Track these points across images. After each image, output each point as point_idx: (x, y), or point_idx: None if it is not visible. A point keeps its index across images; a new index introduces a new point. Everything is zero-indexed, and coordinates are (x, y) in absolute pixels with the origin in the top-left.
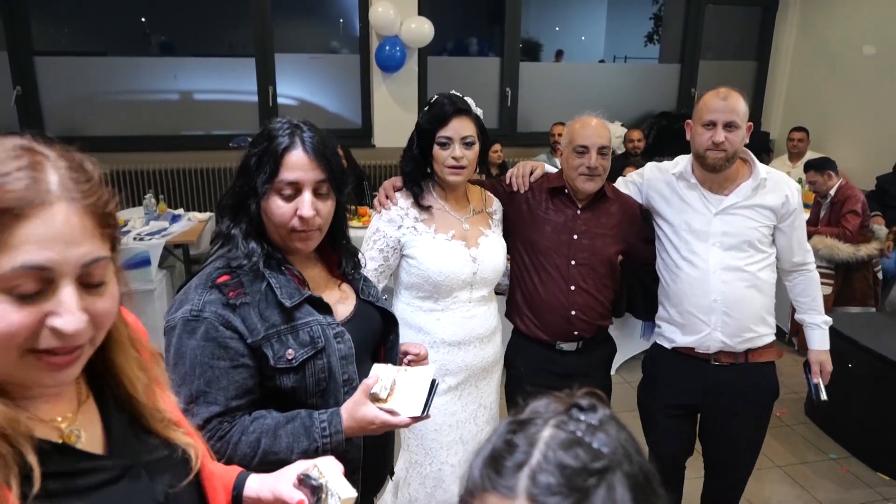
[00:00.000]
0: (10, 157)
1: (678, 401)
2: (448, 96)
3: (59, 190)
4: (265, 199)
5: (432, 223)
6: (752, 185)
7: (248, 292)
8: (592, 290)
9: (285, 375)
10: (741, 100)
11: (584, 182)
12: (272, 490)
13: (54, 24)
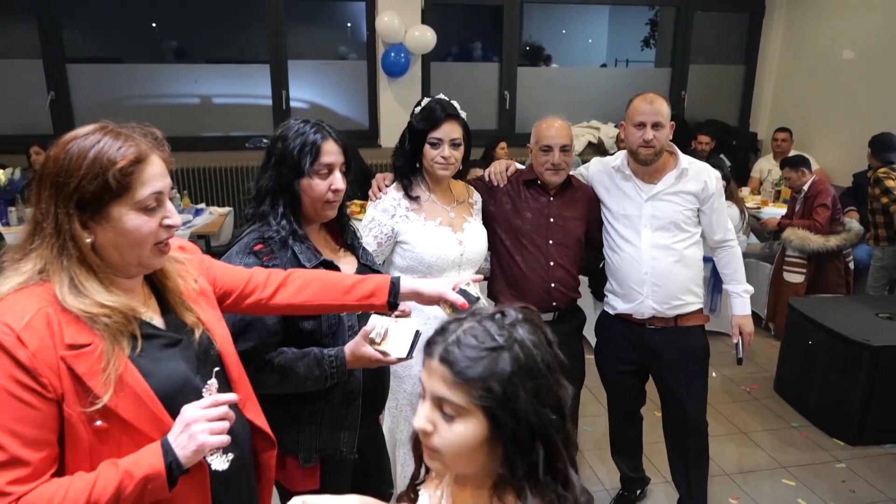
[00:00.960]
0: (112, 134)
1: (622, 359)
2: (439, 101)
3: (149, 147)
4: (307, 179)
5: (421, 212)
6: (675, 174)
7: (278, 257)
8: (567, 265)
9: (306, 321)
10: (665, 103)
11: (551, 176)
12: (435, 289)
13: (76, 32)
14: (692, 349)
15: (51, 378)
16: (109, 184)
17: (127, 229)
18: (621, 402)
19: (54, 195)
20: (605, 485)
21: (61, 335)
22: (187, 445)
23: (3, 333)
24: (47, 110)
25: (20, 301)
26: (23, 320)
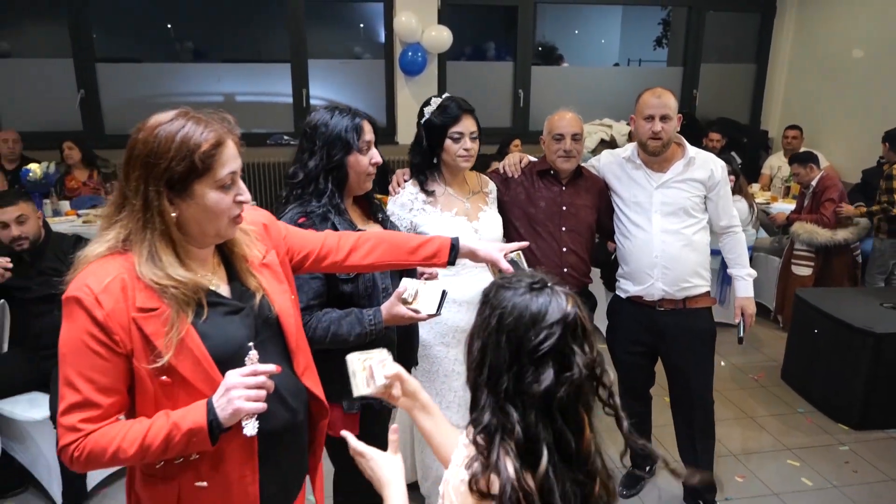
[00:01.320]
0: (194, 120)
1: (633, 341)
2: (453, 98)
3: (224, 131)
4: (354, 156)
5: (437, 204)
6: (683, 162)
7: (319, 229)
8: (579, 251)
9: (345, 284)
10: (672, 97)
11: (563, 162)
12: (489, 253)
13: (100, 33)
14: (700, 330)
15: (122, 335)
16: (195, 164)
17: (208, 205)
18: (632, 382)
19: (144, 174)
20: (616, 464)
21: (134, 299)
22: (225, 408)
23: (84, 294)
24: (77, 108)
25: (102, 267)
26: (102, 284)
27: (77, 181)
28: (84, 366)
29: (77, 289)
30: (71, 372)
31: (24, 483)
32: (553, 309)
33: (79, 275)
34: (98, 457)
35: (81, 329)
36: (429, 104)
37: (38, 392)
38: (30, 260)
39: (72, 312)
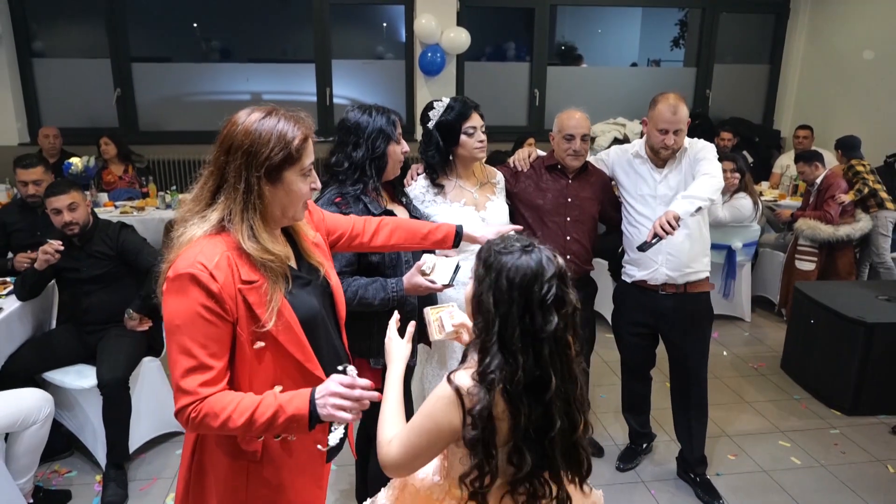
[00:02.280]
0: (284, 117)
1: (637, 323)
2: (461, 98)
3: (307, 126)
4: (392, 146)
5: (447, 196)
6: (680, 156)
7: (352, 207)
8: (582, 239)
9: (373, 254)
10: (685, 108)
11: (571, 161)
12: (484, 234)
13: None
14: (698, 311)
15: (231, 305)
16: (291, 154)
17: (293, 190)
18: (633, 362)
19: (246, 162)
20: (616, 441)
21: (238, 273)
22: (323, 408)
23: (198, 270)
24: (114, 105)
25: (208, 246)
26: (213, 261)
27: (113, 175)
28: (199, 334)
29: (190, 265)
30: (186, 340)
31: (71, 447)
32: (547, 264)
33: (184, 253)
34: (211, 421)
35: (196, 302)
36: (433, 108)
37: (84, 364)
38: (79, 244)
39: (185, 287)
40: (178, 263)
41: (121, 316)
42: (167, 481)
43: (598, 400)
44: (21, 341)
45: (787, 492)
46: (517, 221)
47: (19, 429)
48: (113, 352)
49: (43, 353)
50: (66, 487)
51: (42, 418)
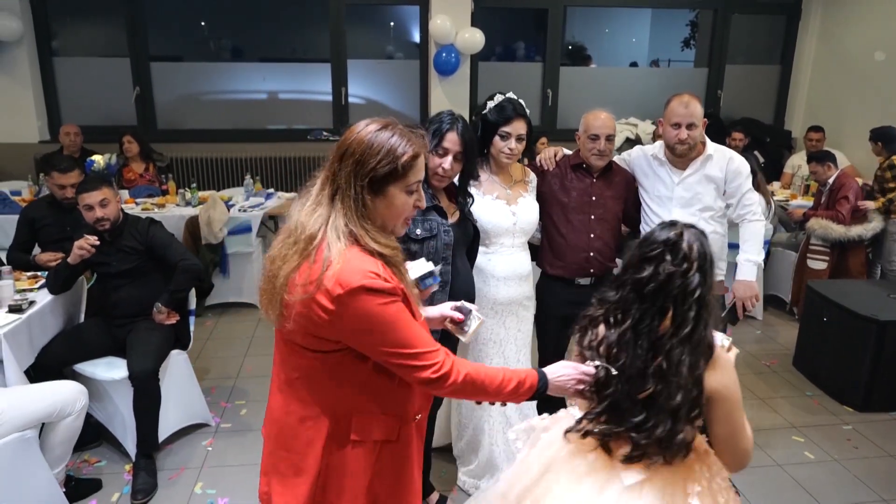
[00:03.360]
0: (399, 132)
1: None
2: (511, 101)
3: (420, 145)
4: (430, 156)
5: (481, 188)
6: (701, 159)
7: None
8: (606, 237)
9: (413, 243)
10: (699, 105)
11: (596, 160)
12: (440, 311)
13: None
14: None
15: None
16: (397, 170)
17: (395, 204)
18: None
19: (355, 170)
20: None
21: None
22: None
23: (370, 280)
24: (133, 104)
25: (358, 257)
26: (377, 267)
27: (134, 173)
28: (408, 327)
29: (361, 276)
30: (408, 336)
31: (100, 438)
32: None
33: (349, 268)
34: (472, 381)
35: (380, 303)
36: (492, 99)
37: (113, 356)
38: (110, 239)
39: (368, 298)
40: (344, 279)
41: (149, 309)
42: (195, 471)
43: None
44: (53, 334)
45: (802, 485)
46: (543, 219)
47: (55, 420)
48: (143, 344)
49: (74, 345)
50: (96, 476)
51: (77, 410)
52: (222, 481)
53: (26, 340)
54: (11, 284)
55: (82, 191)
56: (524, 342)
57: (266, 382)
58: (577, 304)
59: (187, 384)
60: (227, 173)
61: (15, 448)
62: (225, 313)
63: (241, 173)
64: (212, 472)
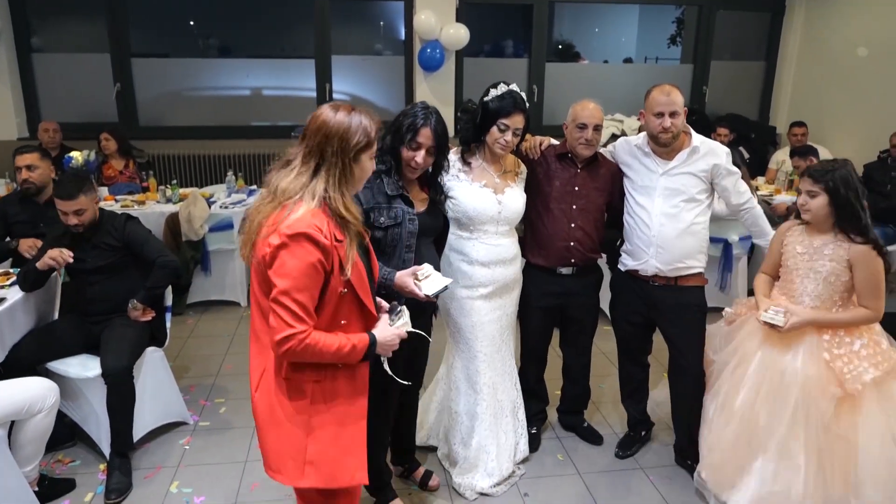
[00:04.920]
0: (364, 113)
1: (631, 310)
2: (513, 94)
3: (377, 119)
4: (402, 149)
5: (471, 174)
6: (687, 151)
7: (371, 181)
8: (587, 228)
9: (377, 230)
10: (679, 93)
11: (583, 149)
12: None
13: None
14: (689, 304)
15: (332, 260)
16: (370, 142)
17: (366, 169)
18: (630, 348)
19: (342, 147)
20: (615, 429)
21: (333, 234)
22: (382, 347)
23: (317, 232)
24: (113, 100)
25: (318, 215)
26: (324, 225)
27: (114, 170)
28: (309, 284)
29: (307, 227)
30: (297, 287)
31: (74, 437)
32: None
33: (301, 220)
34: (311, 348)
35: (313, 255)
36: (496, 87)
37: (87, 354)
38: (87, 236)
39: (304, 245)
40: (295, 226)
41: (125, 306)
42: (171, 470)
43: (598, 390)
44: (25, 331)
45: None
46: (529, 208)
47: (24, 417)
48: (117, 341)
49: (46, 342)
50: (70, 476)
51: (47, 407)
52: (199, 480)
53: None
54: None
55: (58, 196)
56: (508, 324)
57: (245, 382)
58: (559, 295)
59: (164, 382)
60: (209, 170)
61: None
62: (207, 311)
63: (224, 170)
64: (188, 471)
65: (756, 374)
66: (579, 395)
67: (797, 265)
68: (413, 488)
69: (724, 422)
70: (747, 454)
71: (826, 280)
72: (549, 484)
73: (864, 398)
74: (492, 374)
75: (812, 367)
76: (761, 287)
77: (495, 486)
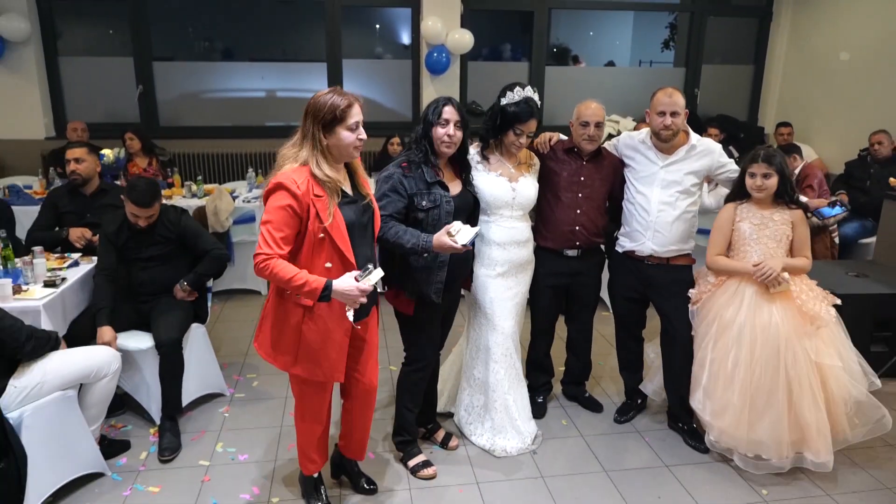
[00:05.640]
0: (337, 93)
1: (627, 288)
2: (531, 103)
3: (353, 99)
4: (433, 129)
5: (489, 165)
6: (685, 149)
7: (412, 171)
8: (591, 214)
9: (419, 212)
10: (681, 96)
11: (586, 144)
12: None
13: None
14: (679, 280)
15: (304, 207)
16: (336, 116)
17: (342, 138)
18: (626, 323)
19: (313, 121)
20: (613, 400)
21: (312, 189)
22: (344, 297)
23: (290, 182)
24: (135, 102)
25: (298, 172)
26: (300, 179)
27: (138, 167)
28: (282, 222)
29: (285, 179)
30: (274, 223)
31: (124, 406)
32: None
33: (283, 173)
34: (271, 272)
35: (286, 200)
36: (511, 90)
37: (136, 330)
38: (146, 230)
39: (281, 192)
40: (278, 178)
41: (170, 288)
42: (214, 433)
43: (597, 367)
44: (82, 308)
45: None
46: (539, 197)
47: (92, 381)
48: (168, 316)
49: None
50: (124, 438)
51: (111, 373)
52: (240, 441)
53: (60, 313)
54: (44, 262)
55: (136, 203)
56: (521, 301)
57: None
58: (565, 275)
59: (205, 355)
60: (226, 168)
61: (58, 404)
62: (230, 299)
63: (239, 168)
64: (230, 434)
65: (741, 338)
66: (582, 368)
67: (752, 235)
68: (434, 448)
69: (723, 386)
70: (754, 413)
71: (778, 240)
72: (554, 445)
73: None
74: (509, 344)
75: (789, 318)
76: (731, 262)
77: (530, 443)
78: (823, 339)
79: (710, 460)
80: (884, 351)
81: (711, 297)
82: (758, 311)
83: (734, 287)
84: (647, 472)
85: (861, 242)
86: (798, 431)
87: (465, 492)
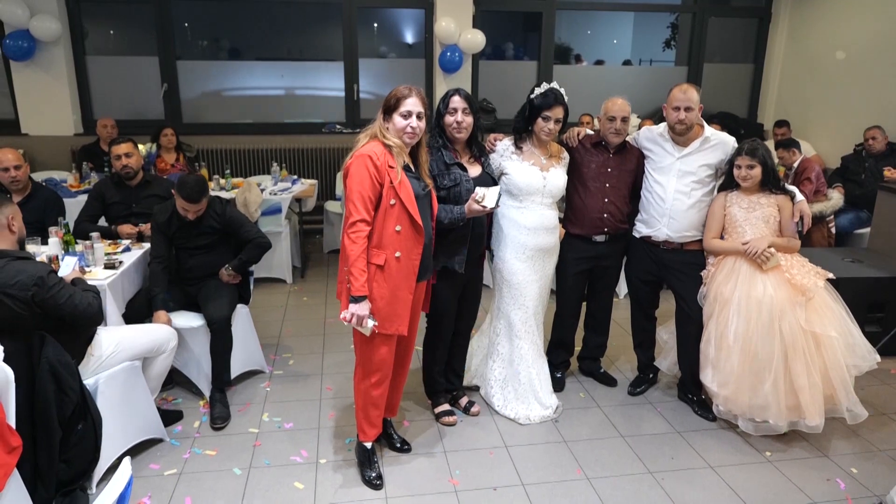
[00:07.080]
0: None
1: (643, 271)
2: (554, 90)
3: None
4: (444, 117)
5: (521, 156)
6: (700, 141)
7: (433, 156)
8: (617, 202)
9: (442, 190)
10: (695, 92)
11: (613, 137)
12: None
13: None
14: (692, 263)
15: (382, 174)
16: (391, 105)
17: (395, 123)
18: (641, 303)
19: (382, 106)
20: (626, 376)
21: (387, 161)
22: (354, 308)
23: (371, 152)
24: (160, 99)
25: (372, 145)
26: (377, 151)
27: (166, 163)
28: (368, 186)
29: (365, 150)
30: (362, 187)
31: (172, 381)
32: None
33: (364, 146)
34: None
35: (368, 165)
36: (539, 87)
37: (185, 310)
38: (194, 222)
39: (363, 162)
40: (359, 152)
41: (216, 272)
42: (259, 405)
43: (611, 347)
44: (137, 289)
45: None
46: (569, 187)
47: (153, 355)
48: (217, 296)
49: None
50: (176, 409)
51: (170, 349)
52: (284, 412)
53: (120, 292)
54: (102, 247)
55: (187, 198)
56: (546, 285)
57: (306, 342)
58: (593, 259)
59: (248, 333)
60: (248, 163)
61: (127, 373)
62: (257, 287)
63: (261, 163)
64: (274, 406)
65: (739, 311)
66: (599, 345)
67: (744, 218)
68: (458, 413)
69: (725, 356)
70: (754, 378)
71: (766, 221)
72: (574, 415)
73: (818, 299)
74: (531, 321)
75: (781, 290)
76: (724, 243)
77: (552, 413)
78: (816, 309)
79: (717, 427)
80: (877, 331)
81: (712, 276)
82: (752, 285)
83: (730, 265)
84: (662, 437)
85: (857, 233)
86: (793, 397)
87: (495, 455)
